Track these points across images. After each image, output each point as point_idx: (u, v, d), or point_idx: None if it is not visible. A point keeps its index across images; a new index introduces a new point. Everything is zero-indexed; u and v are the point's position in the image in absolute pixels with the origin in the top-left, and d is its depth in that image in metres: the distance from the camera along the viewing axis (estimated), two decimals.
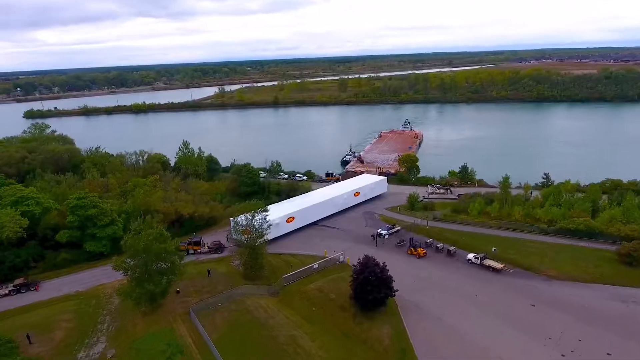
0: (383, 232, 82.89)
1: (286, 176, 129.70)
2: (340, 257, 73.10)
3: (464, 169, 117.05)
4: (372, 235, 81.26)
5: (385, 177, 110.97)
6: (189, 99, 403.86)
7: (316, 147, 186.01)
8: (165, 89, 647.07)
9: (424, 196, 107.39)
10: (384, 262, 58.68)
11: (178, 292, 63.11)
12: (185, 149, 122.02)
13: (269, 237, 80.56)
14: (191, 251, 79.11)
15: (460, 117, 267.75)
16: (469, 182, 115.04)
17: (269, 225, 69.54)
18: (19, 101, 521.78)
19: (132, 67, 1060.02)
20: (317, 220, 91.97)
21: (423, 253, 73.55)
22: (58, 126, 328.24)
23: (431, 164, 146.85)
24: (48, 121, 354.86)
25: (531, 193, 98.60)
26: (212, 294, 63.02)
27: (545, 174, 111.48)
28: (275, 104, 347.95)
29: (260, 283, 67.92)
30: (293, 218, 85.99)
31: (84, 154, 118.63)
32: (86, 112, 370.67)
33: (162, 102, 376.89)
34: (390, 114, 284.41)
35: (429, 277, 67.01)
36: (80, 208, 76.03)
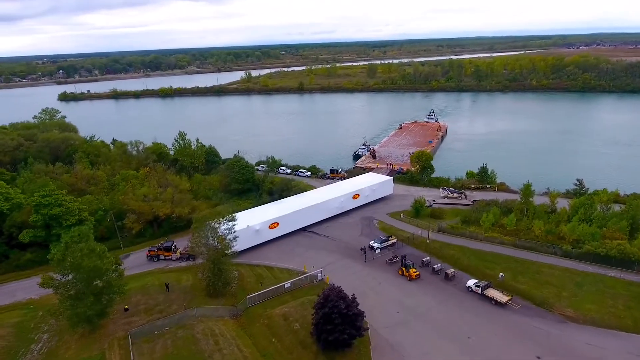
0: (375, 244, 72.75)
1: (289, 171, 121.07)
2: (319, 274, 63.97)
3: (483, 170, 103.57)
4: (361, 249, 71.34)
5: (391, 178, 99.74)
6: (219, 82, 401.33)
7: (332, 138, 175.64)
8: (197, 72, 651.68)
9: (434, 200, 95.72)
10: (354, 295, 48.99)
11: (126, 309, 56.44)
12: (182, 140, 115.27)
13: (247, 245, 73.23)
14: (162, 257, 72.66)
15: (494, 107, 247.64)
16: (487, 186, 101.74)
17: (235, 237, 61.18)
18: (59, 83, 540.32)
19: (170, 50, 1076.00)
20: (308, 226, 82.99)
21: (416, 275, 63.00)
22: (87, 109, 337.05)
23: (450, 162, 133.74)
24: (80, 104, 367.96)
25: (557, 202, 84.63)
26: (163, 314, 55.91)
27: (578, 179, 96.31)
28: (299, 90, 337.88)
29: (225, 301, 60.21)
30: (277, 224, 77.32)
31: (79, 143, 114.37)
32: (116, 95, 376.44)
33: (193, 85, 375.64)
34: (418, 102, 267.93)
35: (416, 308, 56.65)
36: (45, 207, 70.77)
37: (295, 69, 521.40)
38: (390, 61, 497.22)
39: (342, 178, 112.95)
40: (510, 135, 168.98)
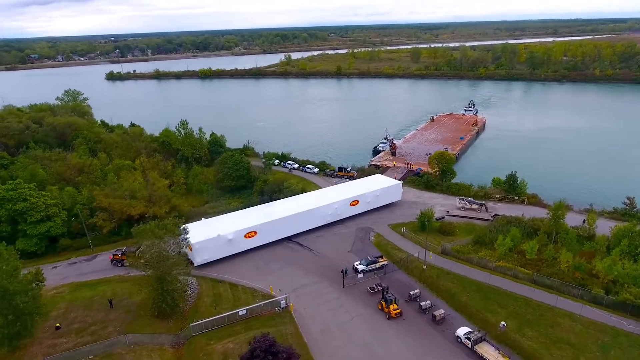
0: (360, 266, 62.20)
1: (296, 166, 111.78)
2: (282, 301, 54.78)
3: (511, 178, 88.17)
4: (342, 270, 61.06)
5: (399, 182, 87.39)
6: (263, 64, 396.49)
7: (358, 128, 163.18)
8: (243, 54, 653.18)
9: (447, 212, 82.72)
10: (292, 347, 39.25)
11: (58, 327, 50.59)
12: (183, 128, 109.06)
13: (218, 256, 65.50)
14: (126, 262, 66.64)
15: (547, 99, 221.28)
16: (515, 198, 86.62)
17: (184, 255, 53.27)
18: (112, 62, 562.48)
19: (222, 31, 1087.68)
20: (293, 235, 73.73)
21: (396, 313, 52.00)
22: (129, 88, 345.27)
23: (479, 164, 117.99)
24: (125, 83, 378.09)
25: (596, 227, 68.91)
26: (94, 337, 49.49)
27: (628, 197, 79.05)
28: (337, 74, 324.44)
29: (173, 324, 52.92)
30: (255, 233, 68.67)
31: (81, 128, 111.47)
32: (158, 75, 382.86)
33: (237, 67, 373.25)
34: (462, 91, 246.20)
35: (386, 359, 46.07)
36: (8, 201, 66.76)
37: (340, 51, 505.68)
38: (440, 45, 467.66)
39: (352, 177, 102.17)
40: (561, 133, 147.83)
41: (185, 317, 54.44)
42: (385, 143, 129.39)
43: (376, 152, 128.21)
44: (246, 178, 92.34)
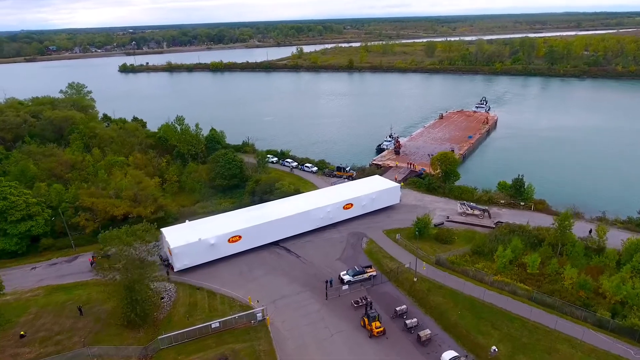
0: (346, 277, 58.51)
1: (295, 164, 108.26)
2: (259, 313, 51.52)
3: (518, 182, 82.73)
4: (327, 281, 57.44)
5: (398, 185, 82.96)
6: (276, 57, 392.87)
7: (365, 124, 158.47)
8: (257, 46, 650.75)
9: (447, 217, 78.16)
10: None
11: (22, 336, 48.38)
12: (179, 124, 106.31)
13: (199, 261, 62.61)
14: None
15: (566, 96, 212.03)
16: (521, 204, 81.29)
17: (157, 261, 50.42)
18: (127, 54, 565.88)
19: (238, 23, 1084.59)
20: (282, 240, 70.36)
21: (379, 331, 48.17)
22: (140, 81, 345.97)
23: (487, 165, 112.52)
24: (138, 75, 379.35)
25: (606, 239, 63.56)
26: (58, 347, 47.12)
27: None
28: (349, 68, 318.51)
29: (143, 334, 50.26)
30: (239, 237, 65.50)
31: (78, 123, 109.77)
32: (170, 68, 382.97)
33: (250, 60, 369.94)
34: (476, 87, 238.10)
35: None
36: None
37: (354, 44, 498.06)
38: (458, 38, 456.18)
39: (351, 177, 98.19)
40: (578, 133, 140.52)
41: (158, 326, 51.72)
42: (389, 141, 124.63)
43: (380, 150, 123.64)
44: (239, 177, 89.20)
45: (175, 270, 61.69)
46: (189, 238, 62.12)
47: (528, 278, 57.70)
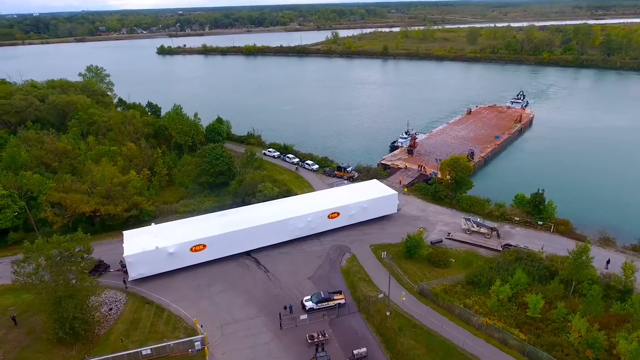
0: (309, 303, 51.03)
1: (296, 160, 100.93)
2: (198, 342, 45.36)
3: (537, 198, 70.77)
4: (285, 307, 50.33)
5: (395, 193, 73.46)
6: (315, 41, 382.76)
7: (384, 118, 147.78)
8: (297, 30, 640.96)
9: (449, 233, 68.31)
10: None
11: None
12: (176, 114, 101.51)
13: (156, 270, 57.37)
14: None
15: (621, 92, 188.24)
16: (539, 223, 69.57)
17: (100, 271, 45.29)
18: (170, 36, 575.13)
19: (282, 6, 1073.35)
20: (254, 250, 63.79)
21: None
22: (175, 63, 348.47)
23: (509, 172, 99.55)
24: (174, 57, 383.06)
25: (635, 279, 51.75)
26: None
27: None
28: (384, 54, 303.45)
29: (77, 351, 45.78)
30: (204, 246, 59.53)
31: (79, 108, 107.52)
32: (205, 51, 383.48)
33: (281, 44, 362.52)
34: (519, 78, 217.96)
35: None
36: None
37: (395, 29, 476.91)
38: (507, 24, 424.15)
39: (352, 179, 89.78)
40: (628, 135, 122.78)
41: (95, 344, 47.06)
42: (405, 138, 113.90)
43: (394, 148, 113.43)
44: (227, 175, 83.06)
45: (129, 279, 56.80)
46: (147, 245, 56.89)
47: (527, 322, 47.60)
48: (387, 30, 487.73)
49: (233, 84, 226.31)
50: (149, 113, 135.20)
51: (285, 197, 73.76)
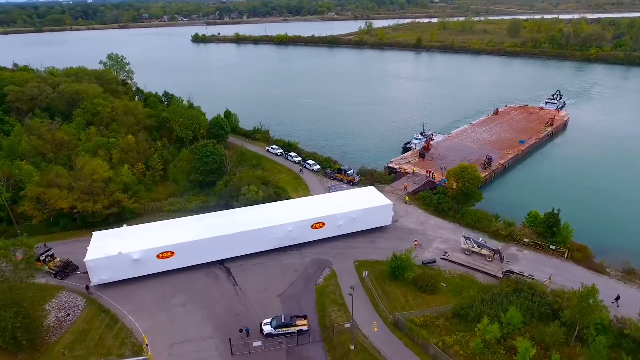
0: (267, 327, 46.25)
1: (298, 159, 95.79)
2: None
3: (551, 218, 61.97)
4: (241, 329, 45.84)
5: (390, 204, 66.80)
6: (349, 31, 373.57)
7: (403, 116, 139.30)
8: (334, 19, 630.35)
9: (445, 253, 61.29)
10: None
11: None
12: (177, 106, 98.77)
13: (120, 276, 54.51)
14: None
15: None
16: (552, 247, 60.96)
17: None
18: (208, 24, 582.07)
19: None
20: (226, 259, 59.66)
21: None
22: (207, 51, 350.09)
23: (528, 183, 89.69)
24: (208, 46, 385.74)
25: None
26: None
27: None
28: (417, 46, 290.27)
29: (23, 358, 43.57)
30: (172, 253, 55.98)
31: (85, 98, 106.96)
32: (238, 40, 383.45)
33: (313, 34, 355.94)
34: (560, 75, 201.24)
35: None
36: None
37: (433, 20, 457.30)
38: (556, 16, 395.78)
39: (352, 183, 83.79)
40: None
41: (41, 353, 44.73)
42: (420, 139, 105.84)
43: (406, 149, 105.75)
44: (217, 173, 79.26)
45: (91, 284, 54.17)
46: (109, 250, 53.96)
47: None
48: (426, 21, 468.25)
49: (257, 74, 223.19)
50: (165, 103, 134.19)
51: (273, 201, 69.37)
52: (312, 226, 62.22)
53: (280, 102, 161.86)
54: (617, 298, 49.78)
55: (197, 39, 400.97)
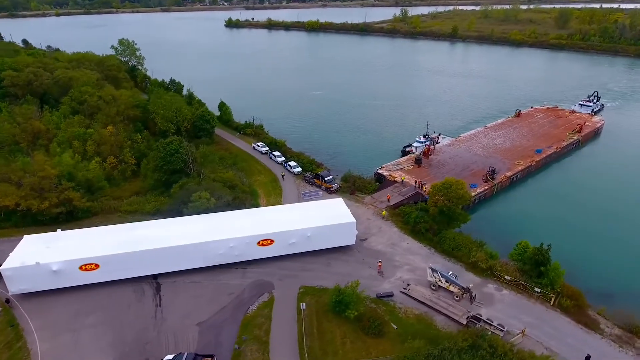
0: None
1: (282, 159, 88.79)
2: None
3: (539, 255, 51.38)
4: None
5: (353, 222, 58.51)
6: (387, 17, 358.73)
7: (414, 115, 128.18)
8: (373, 5, 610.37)
9: (408, 285, 52.79)
10: None
11: None
12: (158, 98, 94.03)
13: (38, 287, 50.67)
14: None
15: None
16: (536, 290, 50.56)
17: None
18: (247, 8, 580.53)
19: None
20: (160, 274, 54.26)
21: None
22: (237, 36, 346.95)
23: (536, 202, 77.62)
24: (240, 31, 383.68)
25: None
26: None
27: None
28: (452, 36, 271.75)
29: None
30: (96, 265, 51.21)
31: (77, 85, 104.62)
32: (269, 25, 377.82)
33: (345, 21, 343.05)
34: (608, 73, 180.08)
35: None
36: None
37: (477, 8, 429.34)
38: (617, 5, 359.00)
39: (329, 190, 75.98)
40: None
41: None
42: (422, 142, 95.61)
43: (404, 153, 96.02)
44: (182, 173, 73.84)
45: (9, 293, 50.49)
46: (27, 259, 49.85)
47: None
48: (470, 8, 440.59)
49: (275, 62, 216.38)
50: (172, 90, 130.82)
51: (236, 208, 63.52)
52: (258, 243, 55.45)
53: (290, 93, 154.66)
54: (588, 358, 39.91)
55: (230, 24, 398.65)
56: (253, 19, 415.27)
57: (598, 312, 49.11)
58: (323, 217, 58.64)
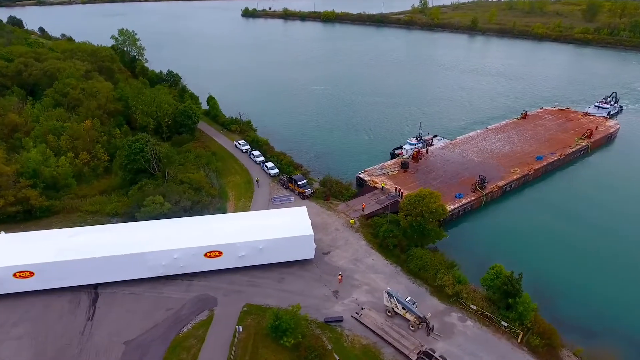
0: None
1: (260, 160, 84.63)
2: None
3: (509, 284, 45.42)
4: None
5: (310, 235, 53.80)
6: (383, 11, 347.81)
7: (414, 114, 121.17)
8: None
9: (362, 309, 48.07)
10: None
11: None
12: (138, 93, 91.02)
13: None
14: None
15: None
16: (502, 324, 44.90)
17: None
18: None
19: None
20: (101, 283, 51.27)
21: None
22: (252, 26, 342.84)
23: (525, 218, 70.55)
24: (256, 20, 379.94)
25: None
26: None
27: None
28: (471, 28, 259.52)
29: None
30: (31, 273, 48.57)
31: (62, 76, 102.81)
32: (285, 15, 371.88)
33: (362, 11, 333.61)
34: (636, 70, 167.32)
35: None
36: None
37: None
38: None
39: (302, 195, 71.50)
40: None
41: None
42: (413, 145, 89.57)
43: (393, 156, 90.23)
44: (148, 173, 70.66)
45: None
46: None
47: None
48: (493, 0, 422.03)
49: (283, 54, 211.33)
50: (169, 82, 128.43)
51: (199, 212, 60.22)
52: (205, 254, 51.66)
53: (290, 87, 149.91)
54: None
55: (247, 13, 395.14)
56: (270, 8, 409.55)
57: (574, 353, 43.31)
58: (279, 229, 54.32)
